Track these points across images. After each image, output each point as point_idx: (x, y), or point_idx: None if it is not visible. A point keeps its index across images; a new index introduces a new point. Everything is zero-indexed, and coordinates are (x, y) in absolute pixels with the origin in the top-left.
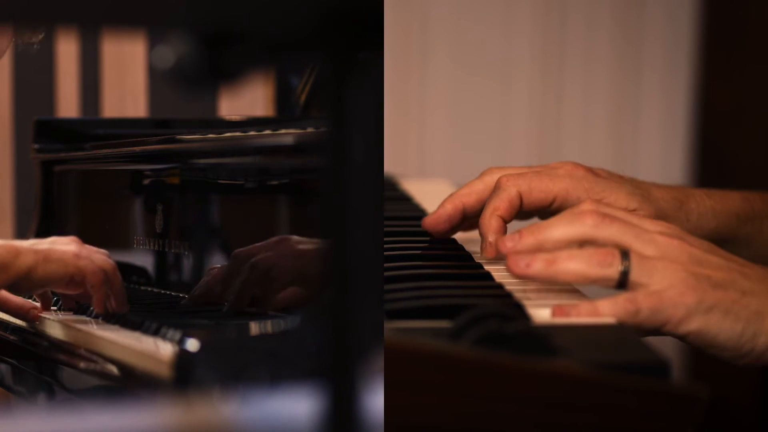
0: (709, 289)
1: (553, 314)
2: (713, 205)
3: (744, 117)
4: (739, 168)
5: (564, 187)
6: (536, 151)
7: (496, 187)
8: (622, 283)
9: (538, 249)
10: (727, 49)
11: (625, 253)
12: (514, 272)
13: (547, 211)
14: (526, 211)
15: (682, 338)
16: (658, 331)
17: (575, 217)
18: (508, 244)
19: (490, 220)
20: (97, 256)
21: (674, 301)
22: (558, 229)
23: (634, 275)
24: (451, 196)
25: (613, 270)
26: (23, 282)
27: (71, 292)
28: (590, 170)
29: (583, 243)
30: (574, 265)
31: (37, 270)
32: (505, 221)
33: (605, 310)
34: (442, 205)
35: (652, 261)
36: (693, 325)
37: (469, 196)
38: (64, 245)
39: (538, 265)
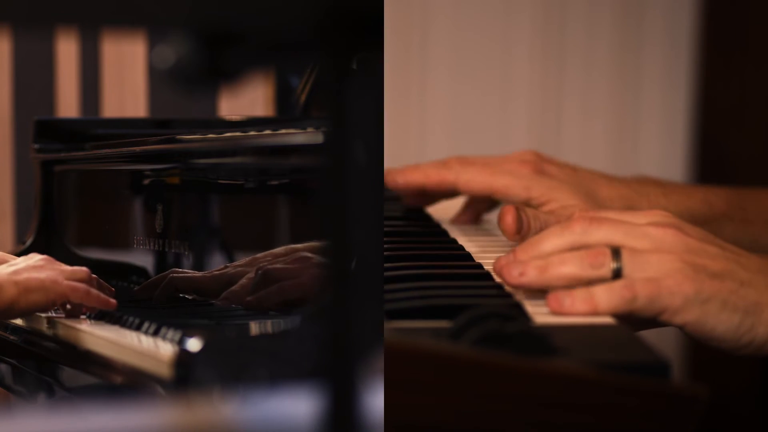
0: (706, 279)
1: (548, 304)
2: (667, 205)
3: (744, 117)
4: (739, 168)
5: (504, 184)
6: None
7: (442, 162)
8: None
9: None
10: (727, 50)
11: (616, 251)
12: (509, 282)
13: (490, 200)
14: (474, 197)
15: (679, 328)
16: (654, 320)
17: (563, 228)
18: (503, 261)
19: (415, 171)
20: (69, 271)
21: (672, 289)
22: (549, 241)
23: (628, 271)
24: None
25: (606, 270)
26: (5, 314)
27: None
28: (537, 167)
29: (575, 250)
30: (566, 269)
31: (20, 302)
32: (424, 186)
33: (602, 297)
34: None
35: (645, 254)
36: (690, 315)
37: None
38: (37, 271)
39: (531, 273)
